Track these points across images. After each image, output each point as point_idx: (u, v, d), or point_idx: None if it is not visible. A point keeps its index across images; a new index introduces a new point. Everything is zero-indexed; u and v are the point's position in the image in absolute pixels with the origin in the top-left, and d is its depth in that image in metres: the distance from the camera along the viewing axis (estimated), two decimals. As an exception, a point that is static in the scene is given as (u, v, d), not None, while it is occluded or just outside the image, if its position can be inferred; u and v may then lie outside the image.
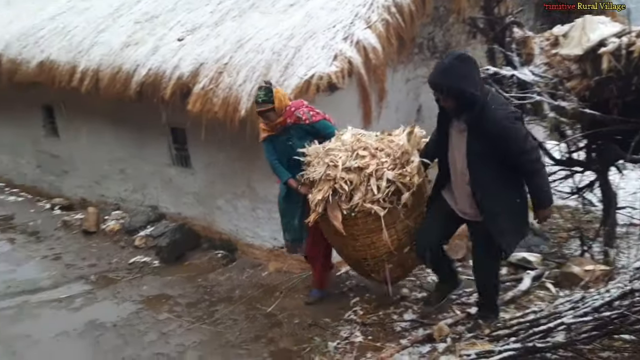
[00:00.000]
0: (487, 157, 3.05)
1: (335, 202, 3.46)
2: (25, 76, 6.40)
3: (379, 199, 3.39)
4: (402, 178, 3.41)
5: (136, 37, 5.56)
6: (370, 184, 3.42)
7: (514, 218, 3.19)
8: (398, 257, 3.63)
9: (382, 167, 3.43)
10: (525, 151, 3.02)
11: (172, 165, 6.04)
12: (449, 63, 3.00)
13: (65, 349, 3.76)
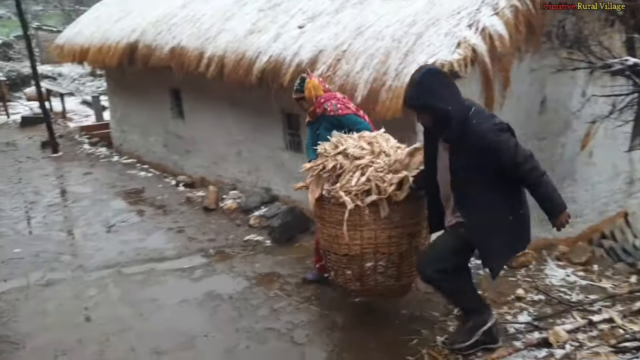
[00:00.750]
0: (473, 175, 2.93)
1: (319, 178, 3.48)
2: (158, 61, 6.90)
3: (353, 192, 3.31)
4: (380, 181, 3.31)
5: (259, 24, 5.77)
6: (355, 175, 3.36)
7: (503, 236, 3.01)
8: (358, 269, 3.44)
9: (372, 165, 3.37)
10: (519, 162, 2.87)
11: (285, 149, 6.23)
12: (418, 78, 2.90)
13: (187, 315, 4.03)
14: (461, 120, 2.87)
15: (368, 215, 3.33)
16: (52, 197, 7.15)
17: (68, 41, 9.24)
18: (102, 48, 8.05)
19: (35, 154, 9.59)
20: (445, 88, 2.93)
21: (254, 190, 6.55)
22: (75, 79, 19.38)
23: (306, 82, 4.02)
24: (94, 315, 4.08)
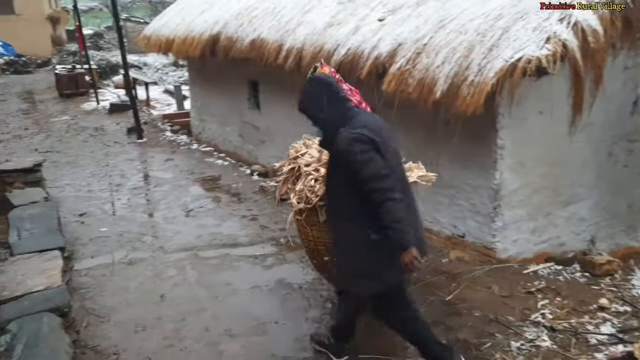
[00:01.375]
0: (339, 186, 2.87)
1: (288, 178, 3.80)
2: (239, 53, 7.06)
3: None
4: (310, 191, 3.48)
5: (339, 17, 5.77)
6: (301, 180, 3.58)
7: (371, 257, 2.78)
8: (318, 262, 3.66)
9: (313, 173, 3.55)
10: (364, 178, 2.66)
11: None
12: (305, 85, 2.96)
13: (258, 301, 4.14)
14: (334, 128, 2.82)
15: (315, 216, 3.45)
16: (136, 181, 7.55)
17: (155, 32, 9.67)
18: (186, 39, 8.36)
19: (122, 139, 10.15)
20: (325, 97, 2.89)
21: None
22: (159, 68, 20.31)
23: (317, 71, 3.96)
24: (172, 295, 4.27)
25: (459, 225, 5.01)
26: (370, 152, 2.72)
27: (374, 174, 2.68)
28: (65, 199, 6.57)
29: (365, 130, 2.79)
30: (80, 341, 3.55)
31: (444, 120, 4.43)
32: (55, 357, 2.86)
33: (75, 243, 5.16)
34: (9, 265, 3.97)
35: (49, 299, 3.48)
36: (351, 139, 2.76)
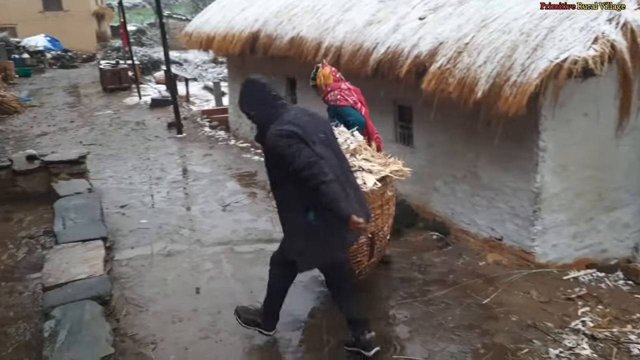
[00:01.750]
0: (277, 177, 3.19)
1: None
2: (278, 50, 7.13)
3: None
4: None
5: (379, 15, 5.75)
6: None
7: (310, 238, 3.14)
8: None
9: None
10: (296, 169, 2.96)
11: (395, 141, 6.19)
12: (241, 86, 3.29)
13: (292, 297, 4.10)
14: (265, 124, 3.12)
15: None
16: (175, 175, 7.71)
17: (196, 29, 9.84)
18: (227, 36, 8.48)
19: (162, 134, 10.38)
20: (256, 96, 3.20)
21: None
22: (198, 65, 20.68)
23: (319, 71, 4.42)
24: (208, 288, 4.35)
25: (497, 228, 4.92)
26: (296, 144, 3.02)
27: (304, 163, 2.97)
28: (108, 191, 6.77)
29: (290, 126, 3.08)
30: (119, 329, 3.65)
31: (484, 120, 4.36)
32: (96, 344, 2.96)
33: (117, 234, 5.31)
34: (54, 254, 4.12)
35: (91, 287, 3.60)
36: (277, 135, 3.05)
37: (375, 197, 3.84)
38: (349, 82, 4.56)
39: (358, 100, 4.39)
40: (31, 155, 6.24)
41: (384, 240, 4.18)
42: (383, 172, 3.85)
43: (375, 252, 4.09)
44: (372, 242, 3.98)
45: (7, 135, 10.18)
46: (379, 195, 3.89)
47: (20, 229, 5.46)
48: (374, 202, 3.82)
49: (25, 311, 3.98)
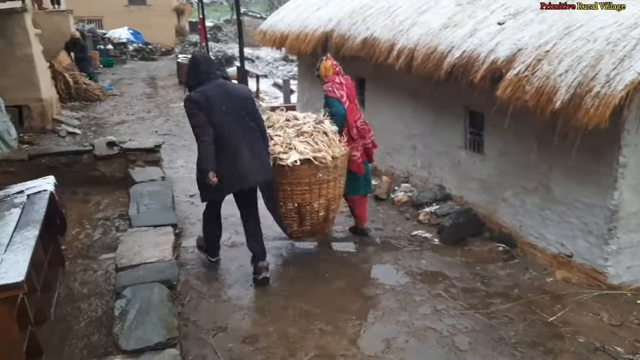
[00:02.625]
0: None
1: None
2: (350, 50, 7.14)
3: None
4: None
5: (455, 19, 5.64)
6: None
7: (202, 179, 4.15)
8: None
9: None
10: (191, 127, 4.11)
11: (464, 148, 6.06)
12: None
13: (349, 297, 4.17)
14: (190, 90, 4.16)
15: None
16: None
17: (270, 27, 10.03)
18: (300, 35, 8.59)
19: (232, 128, 10.63)
20: (191, 68, 4.24)
21: (428, 185, 6.50)
22: (270, 62, 21.09)
23: (321, 63, 5.09)
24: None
25: (567, 244, 4.72)
26: (192, 109, 4.05)
27: (193, 124, 4.07)
28: (179, 180, 7.04)
29: (196, 94, 4.06)
30: (183, 314, 3.81)
31: (561, 132, 4.20)
32: (163, 325, 3.09)
33: (185, 222, 5.52)
34: (128, 236, 4.35)
35: (161, 271, 3.77)
36: (186, 99, 4.13)
37: (302, 173, 4.49)
38: (348, 76, 5.20)
39: (346, 95, 4.97)
40: (111, 142, 6.60)
41: (316, 215, 4.70)
42: (307, 155, 4.45)
43: (307, 222, 4.74)
44: (299, 211, 4.66)
45: (89, 121, 10.81)
46: (307, 173, 4.49)
47: (97, 210, 5.79)
48: (301, 178, 4.51)
49: (98, 289, 4.22)
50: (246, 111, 4.20)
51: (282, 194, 4.64)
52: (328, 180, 4.59)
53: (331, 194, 4.68)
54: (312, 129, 4.68)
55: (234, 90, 4.26)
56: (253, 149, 4.17)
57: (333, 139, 4.70)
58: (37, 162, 6.27)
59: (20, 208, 3.84)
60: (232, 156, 4.08)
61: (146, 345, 2.92)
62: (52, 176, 4.48)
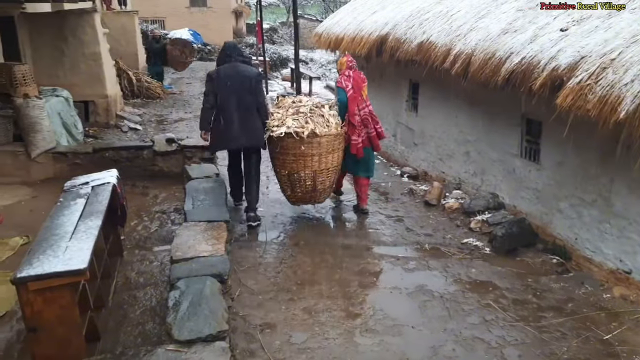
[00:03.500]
0: None
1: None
2: (405, 54, 7.12)
3: None
4: None
5: (516, 24, 5.52)
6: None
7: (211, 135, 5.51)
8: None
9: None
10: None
11: (519, 156, 5.93)
12: None
13: (397, 302, 4.17)
14: None
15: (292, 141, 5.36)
16: (292, 169, 8.00)
17: (326, 30, 10.13)
18: (355, 38, 8.64)
19: (284, 128, 10.78)
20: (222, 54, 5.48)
21: (480, 193, 6.39)
22: (323, 64, 21.24)
23: (340, 59, 6.08)
24: (315, 280, 4.48)
25: (626, 260, 4.53)
26: (208, 82, 5.37)
27: (204, 92, 5.44)
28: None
29: (213, 71, 5.41)
30: (233, 308, 3.90)
31: (625, 143, 4.04)
32: (213, 318, 3.19)
33: (236, 218, 5.65)
34: (183, 230, 4.50)
35: (213, 265, 3.88)
36: (207, 74, 5.47)
37: (289, 145, 5.30)
38: (360, 72, 5.91)
39: (352, 86, 5.66)
40: (170, 139, 6.85)
41: (304, 184, 5.48)
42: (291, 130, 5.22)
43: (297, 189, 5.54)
44: (289, 178, 5.49)
45: (150, 118, 11.21)
46: (292, 145, 5.28)
47: (154, 204, 6.02)
48: (289, 149, 5.32)
49: (153, 279, 4.39)
50: (245, 87, 5.26)
51: (276, 162, 5.54)
52: (312, 154, 5.32)
53: (316, 167, 5.37)
54: (308, 110, 5.44)
55: (243, 70, 5.32)
56: (244, 118, 5.27)
57: (328, 120, 5.40)
58: (101, 156, 6.60)
59: (85, 199, 4.05)
60: (226, 121, 5.26)
61: (197, 337, 3.01)
62: (115, 169, 4.70)
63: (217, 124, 5.28)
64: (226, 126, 5.22)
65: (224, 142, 5.37)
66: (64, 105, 7.79)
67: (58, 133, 7.16)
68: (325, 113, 5.45)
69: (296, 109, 5.49)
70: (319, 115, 5.41)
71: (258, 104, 5.34)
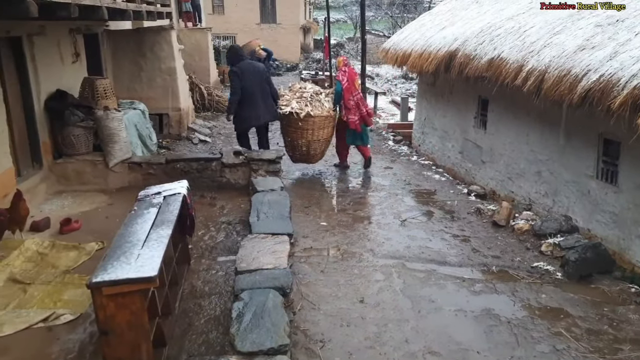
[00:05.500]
0: None
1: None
2: (474, 70, 6.98)
3: None
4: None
5: (594, 40, 5.29)
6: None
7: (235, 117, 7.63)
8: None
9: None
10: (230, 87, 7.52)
11: (594, 178, 5.64)
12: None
13: (461, 325, 4.04)
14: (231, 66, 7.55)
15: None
16: (355, 183, 8.02)
17: (393, 46, 10.11)
18: (423, 54, 8.56)
19: (348, 143, 10.81)
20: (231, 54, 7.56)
21: (548, 214, 6.11)
22: (389, 79, 21.16)
23: (338, 58, 8.24)
24: (377, 298, 4.43)
25: None
26: (234, 77, 7.26)
27: (231, 86, 7.34)
28: (296, 191, 7.31)
29: (237, 67, 7.27)
30: (294, 322, 3.93)
31: None
32: (275, 331, 3.22)
33: (299, 232, 5.71)
34: (247, 242, 4.60)
35: (276, 277, 3.93)
36: (230, 71, 7.36)
37: (291, 120, 7.51)
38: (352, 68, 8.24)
39: (347, 78, 7.73)
40: (237, 151, 7.04)
41: (300, 149, 7.77)
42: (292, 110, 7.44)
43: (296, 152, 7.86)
44: (291, 143, 7.80)
45: (219, 130, 11.60)
46: (293, 121, 7.50)
47: (221, 214, 6.19)
48: (292, 124, 7.54)
49: (217, 288, 4.49)
50: (263, 78, 7.41)
51: (283, 130, 7.82)
52: (307, 129, 7.46)
53: (310, 138, 7.56)
54: (309, 96, 7.52)
55: (257, 66, 7.50)
56: (265, 101, 7.43)
57: (323, 104, 7.50)
58: (173, 166, 6.87)
59: (157, 208, 4.22)
60: (253, 104, 7.26)
61: (259, 349, 3.05)
62: (185, 180, 4.88)
63: (242, 109, 7.30)
64: (253, 108, 7.30)
65: (253, 119, 7.42)
66: (140, 117, 8.21)
67: (134, 144, 7.54)
68: (322, 99, 7.54)
69: (301, 93, 7.56)
70: (317, 100, 7.46)
71: (273, 91, 7.59)
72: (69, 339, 3.68)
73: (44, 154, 6.64)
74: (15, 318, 3.86)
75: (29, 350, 3.55)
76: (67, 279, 4.53)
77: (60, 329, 3.79)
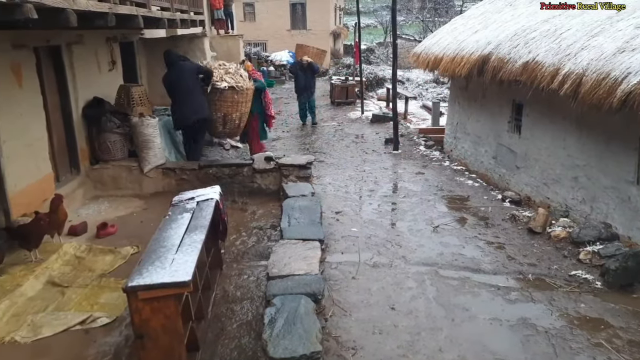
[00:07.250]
0: None
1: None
2: (508, 74, 6.85)
3: None
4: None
5: (634, 42, 5.13)
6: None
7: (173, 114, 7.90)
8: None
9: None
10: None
11: (635, 184, 5.45)
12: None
13: (496, 334, 3.95)
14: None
15: None
16: (387, 189, 7.95)
17: (425, 50, 10.03)
18: (455, 58, 8.46)
19: (379, 149, 10.79)
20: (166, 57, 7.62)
21: (591, 222, 5.93)
22: (420, 84, 21.00)
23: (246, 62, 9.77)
24: (409, 306, 4.37)
25: None
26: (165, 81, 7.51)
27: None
28: (326, 196, 7.31)
29: (167, 73, 7.48)
30: (326, 328, 3.91)
31: None
32: (307, 338, 3.21)
33: (330, 238, 5.69)
34: (279, 247, 4.61)
35: (307, 283, 3.92)
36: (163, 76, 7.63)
37: (227, 95, 7.85)
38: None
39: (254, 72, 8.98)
40: (269, 157, 7.08)
41: (233, 122, 8.11)
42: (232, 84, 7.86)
43: (227, 126, 8.11)
44: (224, 118, 7.97)
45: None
46: (229, 95, 7.86)
47: (252, 219, 6.23)
48: (227, 98, 7.89)
49: (249, 293, 4.52)
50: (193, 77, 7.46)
51: (215, 106, 7.82)
52: (240, 101, 7.96)
53: (241, 111, 8.10)
54: (233, 71, 8.08)
55: (185, 67, 7.52)
56: (192, 96, 7.40)
57: (245, 78, 8.12)
58: (206, 172, 6.96)
59: (191, 213, 4.28)
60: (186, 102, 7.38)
61: (292, 356, 3.05)
62: (217, 186, 4.93)
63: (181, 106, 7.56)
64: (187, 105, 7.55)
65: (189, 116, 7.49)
66: (173, 124, 8.35)
67: (168, 150, 7.68)
68: (242, 73, 8.18)
69: (225, 70, 8.08)
70: (239, 75, 8.08)
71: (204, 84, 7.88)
72: (105, 341, 3.75)
73: (82, 160, 6.82)
74: (54, 320, 3.96)
75: (68, 353, 3.63)
76: (103, 282, 4.63)
77: (96, 331, 3.87)
